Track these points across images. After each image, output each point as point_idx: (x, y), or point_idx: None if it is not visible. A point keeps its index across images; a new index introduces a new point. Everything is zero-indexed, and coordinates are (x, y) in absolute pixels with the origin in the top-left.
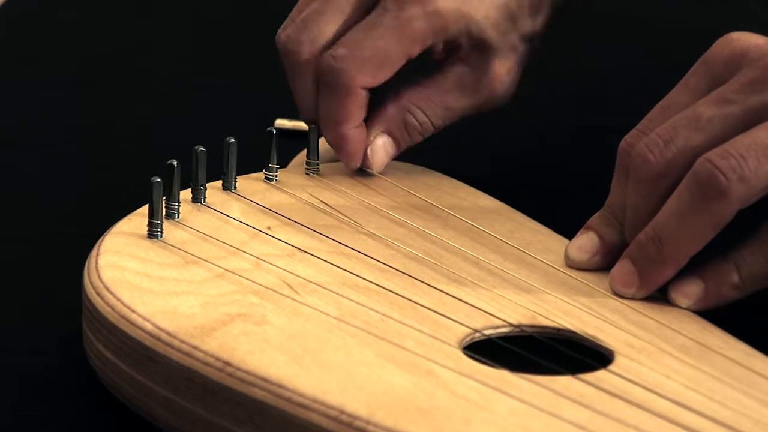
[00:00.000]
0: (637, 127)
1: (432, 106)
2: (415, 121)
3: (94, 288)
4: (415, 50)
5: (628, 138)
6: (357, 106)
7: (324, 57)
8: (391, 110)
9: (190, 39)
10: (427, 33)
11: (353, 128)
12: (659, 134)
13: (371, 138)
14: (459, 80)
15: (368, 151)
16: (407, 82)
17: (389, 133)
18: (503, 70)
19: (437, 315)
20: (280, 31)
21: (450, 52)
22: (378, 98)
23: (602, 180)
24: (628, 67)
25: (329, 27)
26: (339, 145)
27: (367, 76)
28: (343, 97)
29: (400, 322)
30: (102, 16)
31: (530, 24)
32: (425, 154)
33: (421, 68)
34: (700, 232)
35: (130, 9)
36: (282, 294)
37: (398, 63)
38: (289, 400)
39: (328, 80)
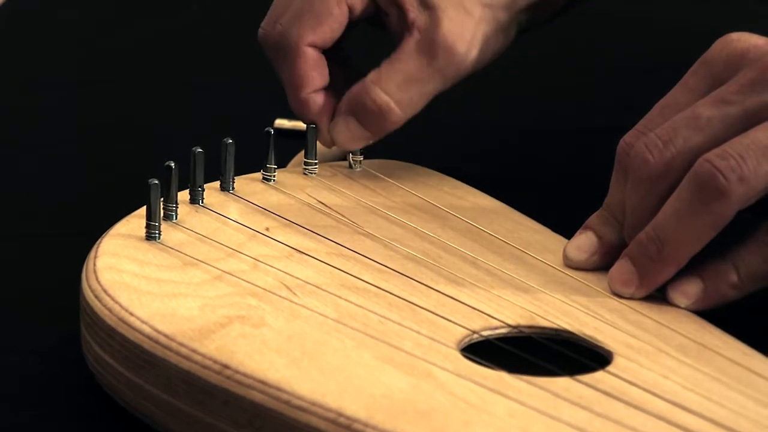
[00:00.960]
0: (636, 127)
1: (392, 82)
2: (372, 103)
3: (92, 290)
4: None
5: (627, 138)
6: (308, 67)
7: (270, 28)
8: (353, 91)
9: (190, 39)
10: None
11: (312, 92)
12: (658, 135)
13: (335, 118)
14: (413, 48)
15: (330, 129)
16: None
17: (353, 114)
18: (456, 28)
19: (435, 316)
20: (261, 26)
21: (400, 17)
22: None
23: (602, 180)
24: (628, 67)
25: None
26: (301, 113)
27: (308, 32)
28: (292, 59)
29: (399, 324)
30: (102, 16)
31: None
32: (425, 154)
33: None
34: (700, 232)
35: (130, 9)
36: (280, 296)
37: (337, 12)
38: (287, 402)
39: (276, 46)
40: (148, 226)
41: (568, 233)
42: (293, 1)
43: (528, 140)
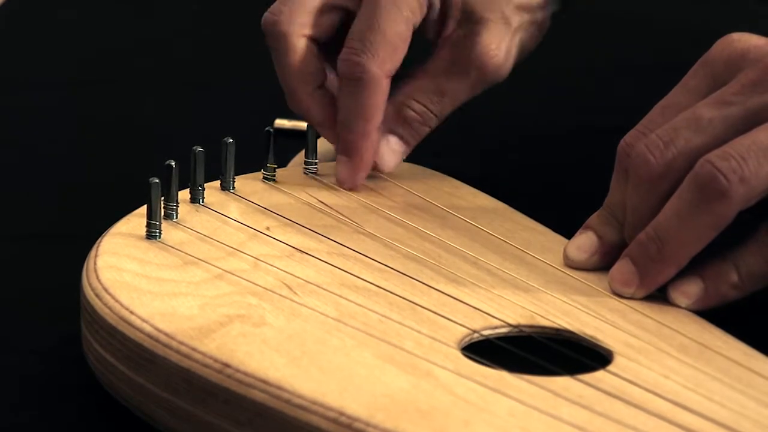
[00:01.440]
0: (637, 127)
1: (425, 93)
2: (412, 113)
3: (92, 289)
4: (417, 20)
5: (628, 138)
6: (383, 99)
7: (342, 54)
8: (389, 110)
9: (190, 39)
10: (422, 1)
11: (376, 127)
12: (659, 135)
13: (379, 141)
14: (448, 61)
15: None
16: (399, 80)
17: (392, 132)
18: (493, 44)
19: (436, 316)
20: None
21: (439, 30)
22: None
23: (602, 180)
24: (628, 67)
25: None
26: (360, 147)
27: (388, 65)
28: (370, 92)
29: (399, 323)
30: (102, 16)
31: None
32: (424, 154)
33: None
34: (700, 232)
35: (130, 9)
36: (281, 295)
37: (407, 39)
38: (288, 401)
39: (350, 76)
40: (148, 225)
41: (568, 233)
42: (369, 32)
43: (528, 140)
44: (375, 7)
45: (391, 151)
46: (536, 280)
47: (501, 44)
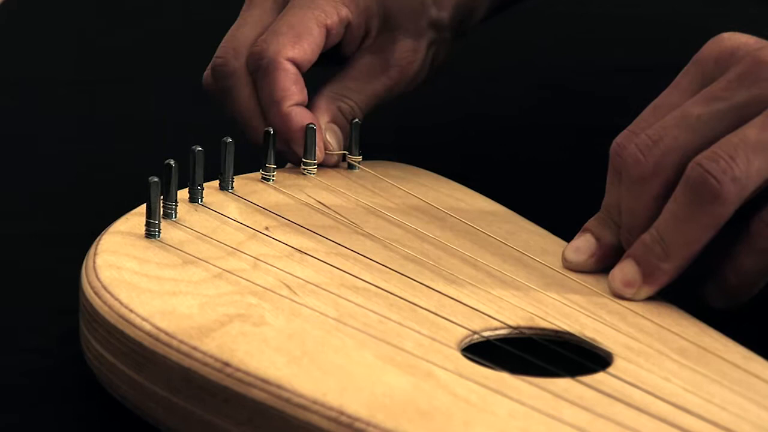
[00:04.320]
0: (629, 127)
1: (352, 92)
2: (347, 106)
3: (91, 288)
4: (330, 20)
5: (619, 139)
6: (290, 81)
7: (249, 51)
8: (322, 103)
9: (190, 39)
10: (339, 8)
11: (293, 105)
12: (649, 135)
13: (324, 133)
14: (367, 64)
15: (325, 136)
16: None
17: (333, 121)
18: (409, 52)
19: (436, 316)
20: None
21: (362, 39)
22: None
23: (601, 181)
24: (628, 67)
25: (249, 33)
26: (285, 126)
27: (288, 48)
28: (273, 73)
29: (399, 324)
30: (102, 16)
31: (436, 13)
32: (423, 155)
33: None
34: (699, 233)
35: (130, 9)
36: (280, 295)
37: (317, 32)
38: (288, 401)
39: (256, 65)
40: (147, 224)
41: (567, 235)
42: (276, 25)
43: (527, 141)
44: (292, 4)
45: (335, 137)
46: (536, 282)
47: (417, 51)
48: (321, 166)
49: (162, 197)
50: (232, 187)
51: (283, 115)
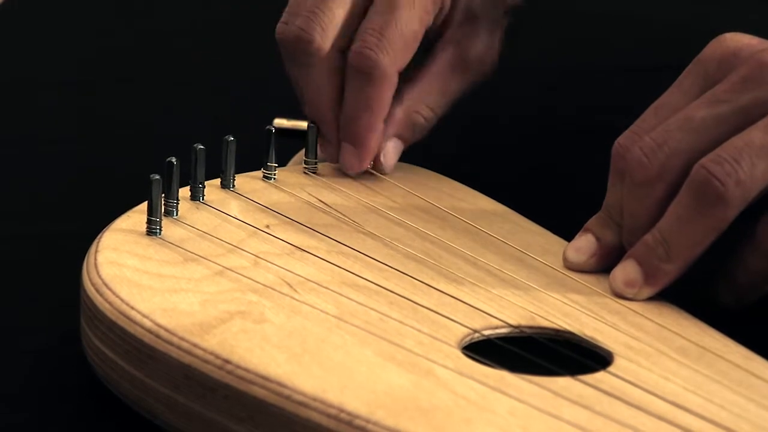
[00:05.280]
0: (631, 128)
1: (433, 97)
2: (422, 119)
3: (93, 285)
4: (430, 21)
5: (622, 140)
6: (390, 94)
7: (355, 47)
8: (399, 113)
9: (190, 39)
10: (436, 2)
11: (382, 119)
12: (653, 138)
13: (384, 142)
14: (450, 61)
15: (381, 155)
16: (404, 80)
17: (399, 136)
18: (489, 43)
19: (437, 315)
20: (280, 24)
21: (439, 32)
22: None
23: (601, 180)
24: (628, 67)
25: (338, 13)
26: (364, 139)
27: (399, 60)
28: (380, 86)
29: (400, 322)
30: (102, 16)
31: None
32: (424, 154)
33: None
34: (703, 235)
35: (130, 9)
36: (281, 292)
37: (419, 39)
38: (288, 398)
39: (362, 69)
40: (149, 222)
41: (567, 235)
42: (388, 32)
43: (527, 141)
44: (392, 4)
45: (395, 155)
46: (536, 281)
47: (495, 44)
48: (322, 164)
49: (163, 195)
50: (234, 185)
51: (368, 129)
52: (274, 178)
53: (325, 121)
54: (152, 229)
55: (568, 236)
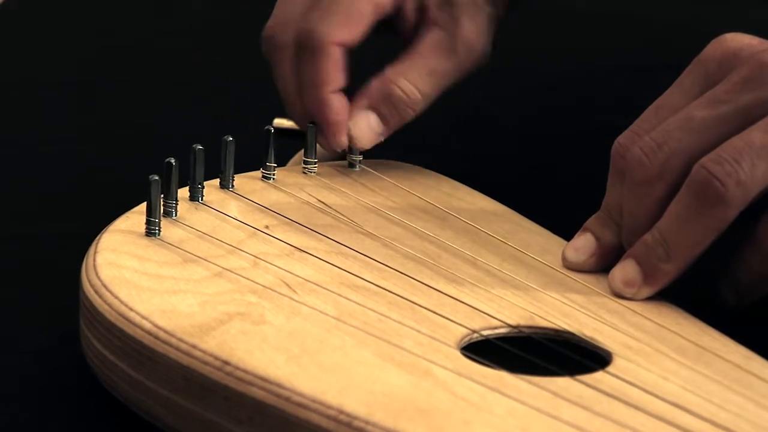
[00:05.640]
0: (630, 128)
1: (416, 73)
2: (400, 92)
3: (92, 286)
4: (384, 6)
5: (621, 139)
6: (333, 66)
7: (296, 26)
8: (374, 85)
9: (190, 39)
10: None
11: (332, 92)
12: (653, 138)
13: (353, 114)
14: (436, 42)
15: (350, 126)
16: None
17: (373, 109)
18: (474, 26)
19: (435, 315)
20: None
21: (420, 17)
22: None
23: (601, 180)
24: (628, 67)
25: (300, 6)
26: (320, 113)
27: (338, 31)
28: (318, 56)
29: (399, 323)
30: (102, 16)
31: None
32: (423, 154)
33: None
34: (703, 235)
35: (131, 9)
36: (280, 293)
37: (368, 15)
38: (287, 399)
39: (302, 44)
40: (148, 223)
41: (567, 234)
42: (317, 2)
43: (527, 141)
44: None
45: (368, 128)
46: (535, 281)
47: (481, 28)
48: (321, 164)
49: (162, 196)
50: (233, 186)
51: (320, 101)
52: (274, 179)
53: (294, 110)
54: (151, 230)
55: (568, 236)
